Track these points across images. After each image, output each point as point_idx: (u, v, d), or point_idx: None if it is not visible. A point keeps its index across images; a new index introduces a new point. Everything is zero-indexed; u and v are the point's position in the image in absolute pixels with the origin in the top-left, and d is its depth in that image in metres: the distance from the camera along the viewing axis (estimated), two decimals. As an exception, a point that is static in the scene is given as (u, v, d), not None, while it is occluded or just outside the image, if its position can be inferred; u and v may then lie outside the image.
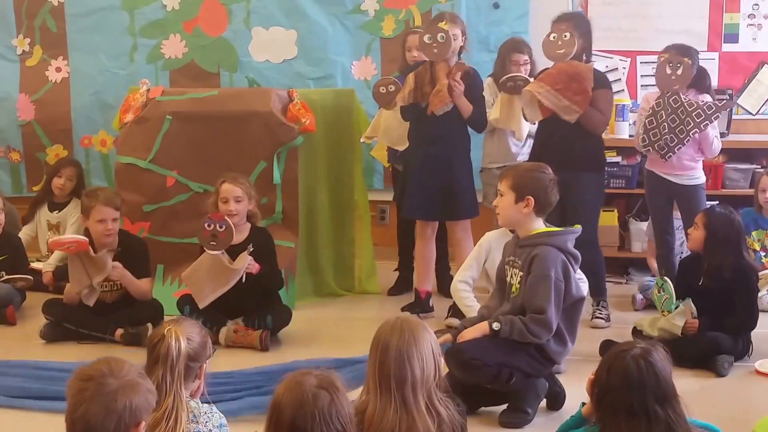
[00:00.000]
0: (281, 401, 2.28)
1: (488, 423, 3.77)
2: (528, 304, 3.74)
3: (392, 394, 2.66)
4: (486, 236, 4.81)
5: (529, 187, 3.81)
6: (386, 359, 2.67)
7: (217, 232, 4.69)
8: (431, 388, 2.70)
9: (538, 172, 3.92)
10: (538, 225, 3.86)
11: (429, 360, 2.71)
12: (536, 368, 3.79)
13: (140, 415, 2.23)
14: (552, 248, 3.75)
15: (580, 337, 4.02)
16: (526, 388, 3.79)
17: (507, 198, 3.85)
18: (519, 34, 6.27)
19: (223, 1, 6.48)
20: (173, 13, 6.49)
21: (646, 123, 5.03)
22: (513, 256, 3.86)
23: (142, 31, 6.52)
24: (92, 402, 2.17)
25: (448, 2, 6.36)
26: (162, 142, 5.43)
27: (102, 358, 2.30)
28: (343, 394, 2.32)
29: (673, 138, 4.94)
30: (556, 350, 3.80)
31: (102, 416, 2.17)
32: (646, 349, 2.62)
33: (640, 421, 2.55)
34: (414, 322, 2.79)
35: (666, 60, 4.97)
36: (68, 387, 2.24)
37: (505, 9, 6.39)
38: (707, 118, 4.91)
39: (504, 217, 3.95)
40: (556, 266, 3.72)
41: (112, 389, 2.19)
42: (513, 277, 3.84)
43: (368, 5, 6.47)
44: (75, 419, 2.18)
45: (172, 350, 2.68)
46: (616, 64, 6.48)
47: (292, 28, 6.48)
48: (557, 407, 3.88)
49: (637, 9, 6.45)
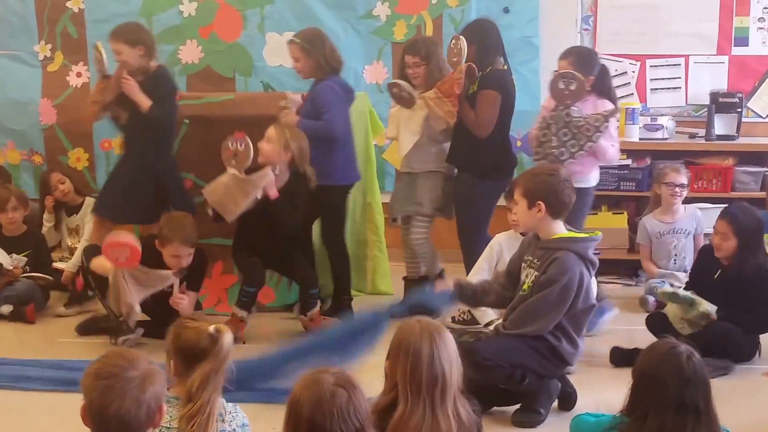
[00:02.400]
0: (299, 399, 2.31)
1: (501, 423, 3.85)
2: (528, 306, 3.80)
3: (422, 396, 2.70)
4: (496, 237, 4.88)
5: (538, 192, 3.84)
6: (418, 363, 2.71)
7: (238, 150, 4.82)
8: (456, 390, 2.75)
9: (546, 175, 3.95)
10: (558, 228, 3.88)
11: (456, 362, 2.76)
12: (549, 369, 3.86)
13: (161, 399, 2.29)
14: (572, 254, 3.79)
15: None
16: (539, 388, 3.86)
17: (521, 205, 3.90)
18: (529, 38, 6.35)
19: (238, 8, 6.55)
20: (189, 19, 6.57)
21: (540, 135, 5.00)
22: (532, 256, 3.89)
23: (160, 37, 6.54)
24: (123, 397, 2.21)
25: (459, 7, 6.43)
26: (179, 145, 5.54)
27: (110, 353, 2.34)
28: (360, 391, 2.35)
29: (563, 152, 4.91)
30: (569, 351, 3.85)
31: (134, 409, 2.21)
32: (691, 347, 2.68)
33: (687, 417, 2.58)
34: (436, 325, 2.84)
35: (559, 75, 4.95)
36: (87, 387, 2.25)
37: (515, 13, 6.42)
38: (596, 130, 4.87)
39: (522, 224, 4.05)
40: (572, 273, 3.75)
41: (138, 382, 2.23)
42: (528, 276, 3.87)
43: (380, 10, 6.54)
44: (107, 417, 2.21)
45: (225, 348, 2.73)
46: (625, 68, 6.53)
47: (306, 33, 6.57)
48: (569, 407, 3.95)
49: (647, 12, 6.49)
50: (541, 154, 4.97)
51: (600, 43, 6.53)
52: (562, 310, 3.77)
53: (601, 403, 3.75)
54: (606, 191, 6.17)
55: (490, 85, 5.10)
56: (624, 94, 6.40)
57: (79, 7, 6.62)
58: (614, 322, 5.11)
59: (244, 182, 4.86)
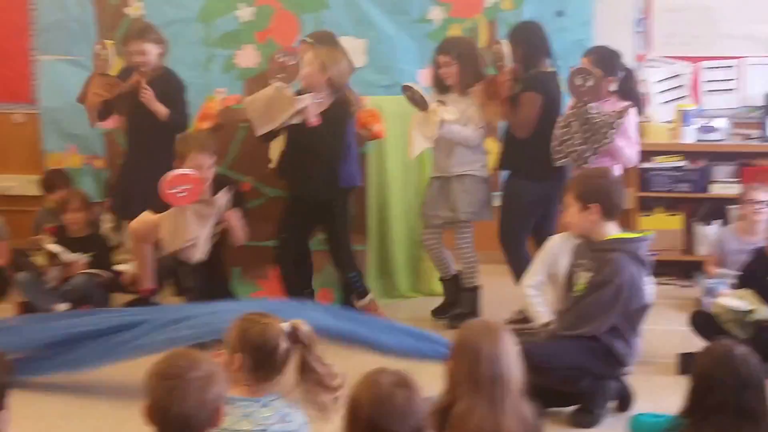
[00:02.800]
0: (359, 399, 2.34)
1: (558, 423, 3.86)
2: (582, 307, 3.82)
3: (483, 395, 2.72)
4: (552, 240, 4.88)
5: (591, 194, 3.87)
6: (479, 361, 2.74)
7: (286, 64, 4.80)
8: (517, 390, 2.78)
9: (599, 177, 3.99)
10: (611, 230, 3.90)
11: (516, 362, 2.79)
12: (605, 370, 3.87)
13: (222, 400, 2.34)
14: (625, 255, 3.82)
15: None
16: (595, 389, 3.88)
17: (573, 208, 3.93)
18: (583, 41, 6.32)
19: (295, 12, 6.64)
20: (247, 24, 6.66)
21: (561, 134, 4.98)
22: (584, 260, 3.92)
23: (217, 42, 6.71)
24: (186, 398, 2.26)
25: (512, 11, 6.46)
26: (237, 148, 5.63)
27: (174, 353, 2.38)
28: (419, 392, 2.36)
29: (586, 149, 4.87)
30: (624, 352, 3.86)
31: (198, 409, 2.26)
32: (748, 350, 2.68)
33: (746, 421, 2.59)
34: (497, 325, 2.88)
35: (576, 71, 4.94)
36: (151, 387, 2.30)
37: (568, 16, 6.42)
38: (610, 127, 4.84)
39: (575, 227, 4.03)
40: (625, 274, 3.78)
41: (200, 383, 2.28)
42: (580, 278, 3.91)
43: (434, 15, 6.58)
44: (171, 417, 2.25)
45: (305, 340, 2.80)
46: (679, 70, 6.50)
47: (362, 37, 6.62)
48: (626, 408, 3.96)
49: (701, 15, 6.45)
50: (563, 153, 4.95)
51: (654, 45, 6.52)
52: (616, 310, 3.80)
53: (659, 404, 3.75)
54: (661, 193, 6.16)
55: (531, 86, 5.13)
56: (678, 96, 6.38)
57: (139, 12, 6.77)
58: (670, 323, 5.10)
59: (287, 98, 4.82)
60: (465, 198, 5.29)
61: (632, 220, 6.12)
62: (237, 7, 6.68)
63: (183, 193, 4.66)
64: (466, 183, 5.30)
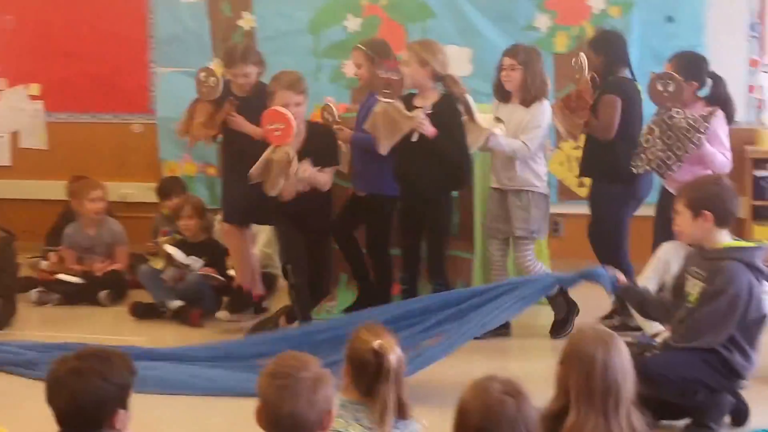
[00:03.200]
0: (468, 407, 2.35)
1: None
2: (697, 319, 3.76)
3: (595, 405, 2.70)
4: (664, 247, 4.82)
5: (704, 201, 3.80)
6: (592, 371, 2.72)
7: (392, 80, 4.91)
8: (629, 401, 2.75)
9: (712, 184, 3.91)
10: (723, 237, 3.83)
11: (630, 371, 2.76)
12: (721, 383, 3.79)
13: (331, 402, 2.40)
14: (740, 264, 3.74)
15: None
16: (710, 403, 3.80)
17: (684, 216, 3.86)
18: (694, 47, 6.18)
19: (401, 22, 6.72)
20: (354, 34, 6.75)
21: (643, 141, 4.90)
22: (697, 267, 3.85)
23: (326, 53, 6.84)
24: (297, 398, 2.33)
25: (621, 18, 6.39)
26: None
27: (284, 354, 2.46)
28: (528, 400, 2.36)
29: (670, 155, 4.78)
30: (741, 365, 3.78)
31: (307, 409, 2.33)
32: None
33: None
34: (609, 333, 2.85)
35: (656, 76, 4.84)
36: (262, 386, 2.38)
37: (679, 22, 6.34)
38: (697, 131, 4.73)
39: (686, 236, 3.95)
40: (741, 282, 3.70)
41: (310, 383, 2.35)
42: (693, 287, 3.83)
43: (541, 22, 6.58)
44: (282, 416, 2.32)
45: (389, 368, 2.81)
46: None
47: (467, 45, 6.65)
48: (742, 423, 3.88)
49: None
50: (645, 161, 4.92)
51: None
52: (732, 320, 3.71)
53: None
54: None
55: (610, 90, 5.21)
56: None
57: (251, 25, 6.94)
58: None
59: (399, 111, 4.90)
60: (521, 214, 5.25)
61: (746, 230, 5.98)
62: (345, 18, 6.79)
63: (278, 132, 4.77)
64: (523, 199, 5.26)
